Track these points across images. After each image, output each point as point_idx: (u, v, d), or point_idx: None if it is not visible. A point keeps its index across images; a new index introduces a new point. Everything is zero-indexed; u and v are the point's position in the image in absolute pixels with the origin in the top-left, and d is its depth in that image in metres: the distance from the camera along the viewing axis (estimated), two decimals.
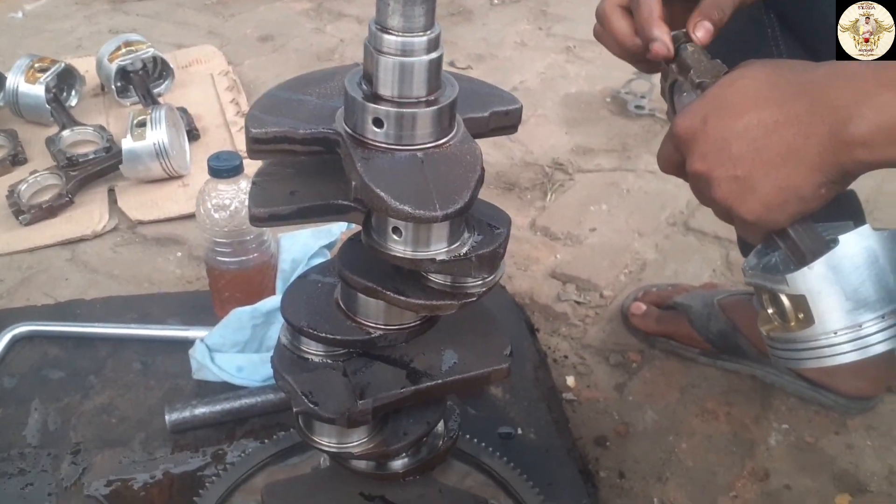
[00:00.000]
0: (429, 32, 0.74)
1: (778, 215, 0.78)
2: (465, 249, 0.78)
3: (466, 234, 0.79)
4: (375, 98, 0.75)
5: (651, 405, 1.39)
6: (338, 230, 1.54)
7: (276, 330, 1.39)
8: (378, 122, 0.75)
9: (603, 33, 1.01)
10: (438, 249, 0.77)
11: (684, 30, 0.90)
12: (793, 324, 0.81)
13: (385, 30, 0.73)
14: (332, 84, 0.85)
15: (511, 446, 1.25)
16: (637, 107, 2.19)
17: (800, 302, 0.79)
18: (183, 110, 2.03)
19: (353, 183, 0.75)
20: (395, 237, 0.77)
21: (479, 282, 0.82)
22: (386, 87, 0.75)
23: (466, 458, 1.17)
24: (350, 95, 0.76)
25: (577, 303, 1.57)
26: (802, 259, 0.78)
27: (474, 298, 0.82)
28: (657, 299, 1.52)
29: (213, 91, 2.23)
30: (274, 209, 0.82)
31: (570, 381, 1.42)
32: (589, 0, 2.88)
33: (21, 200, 1.76)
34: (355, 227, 1.50)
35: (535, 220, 1.80)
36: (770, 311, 0.83)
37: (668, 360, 1.47)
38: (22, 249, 1.68)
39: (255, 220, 0.81)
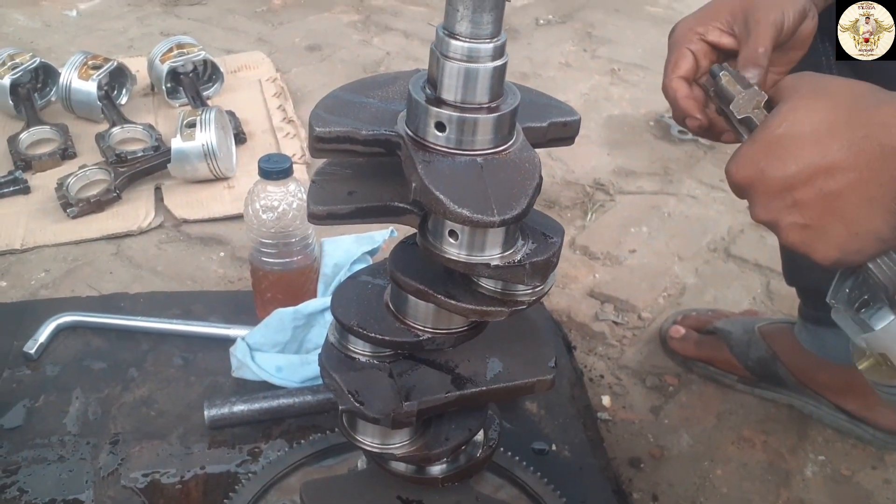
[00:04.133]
0: (495, 40, 0.74)
1: (856, 258, 0.75)
2: (518, 256, 0.78)
3: (521, 242, 0.79)
4: (439, 102, 0.76)
5: (687, 430, 1.38)
6: (380, 237, 1.55)
7: (317, 332, 1.41)
8: (440, 126, 0.76)
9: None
10: (493, 255, 0.78)
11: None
12: (884, 368, 0.79)
13: (453, 35, 0.74)
14: (394, 88, 0.86)
15: (545, 462, 1.25)
16: (680, 131, 2.19)
17: (885, 357, 0.77)
18: (231, 113, 2.06)
19: (413, 185, 0.76)
20: (451, 240, 0.77)
21: (530, 290, 0.82)
22: (450, 92, 0.76)
23: (500, 470, 1.17)
24: (414, 98, 0.77)
25: (615, 323, 1.57)
26: (885, 290, 0.75)
27: (524, 306, 0.82)
28: (696, 324, 1.52)
29: (260, 96, 2.26)
30: (332, 207, 0.83)
31: (606, 400, 1.41)
32: (634, 24, 2.92)
33: (69, 193, 1.79)
34: (398, 235, 1.51)
35: (574, 238, 1.80)
36: (863, 346, 0.80)
37: (705, 385, 1.46)
38: (68, 241, 1.71)
39: (314, 217, 0.82)
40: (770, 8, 0.87)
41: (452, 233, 0.77)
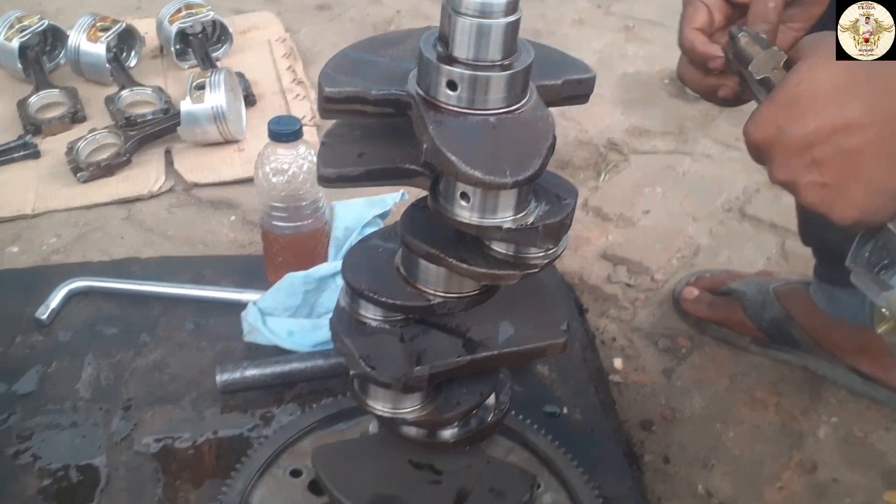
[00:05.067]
0: None
1: (876, 217, 0.74)
2: (531, 219, 0.77)
3: (534, 204, 0.78)
4: (450, 60, 0.74)
5: (699, 391, 1.37)
6: (391, 200, 1.54)
7: (328, 297, 1.40)
8: (452, 85, 0.74)
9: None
10: (505, 217, 0.76)
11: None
12: None
13: None
14: (406, 46, 0.84)
15: (556, 425, 1.24)
16: None
17: None
18: (240, 75, 2.04)
19: (424, 146, 0.74)
20: (462, 203, 0.76)
21: (542, 253, 0.81)
22: (461, 49, 0.74)
23: (511, 434, 1.17)
24: (425, 56, 0.75)
25: (628, 285, 1.56)
26: None
27: (536, 270, 0.81)
28: (710, 285, 1.50)
29: (270, 57, 2.23)
30: (342, 170, 0.82)
31: (618, 363, 1.41)
32: None
33: (79, 157, 1.78)
34: (409, 199, 1.50)
35: (587, 199, 1.78)
36: (884, 310, 0.79)
37: (718, 347, 1.45)
38: (79, 206, 1.71)
39: (324, 180, 0.81)
40: None
41: (464, 195, 0.76)
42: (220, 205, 1.73)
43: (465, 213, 0.76)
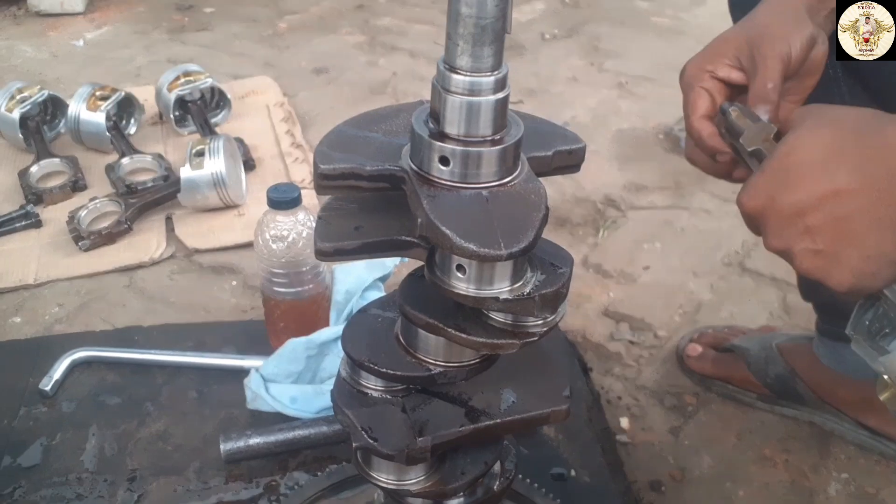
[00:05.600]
0: (496, 72, 0.74)
1: (871, 283, 0.74)
2: (528, 289, 0.77)
3: (529, 273, 0.79)
4: (442, 136, 0.75)
5: (707, 450, 1.36)
6: (391, 264, 1.54)
7: (330, 361, 1.40)
8: (444, 161, 0.75)
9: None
10: (502, 288, 0.77)
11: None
12: None
13: (453, 69, 0.73)
14: (398, 121, 0.86)
15: (564, 488, 1.24)
16: None
17: None
18: (239, 140, 2.07)
19: (419, 220, 0.75)
20: (458, 275, 0.77)
21: (541, 321, 0.81)
22: (452, 126, 0.75)
23: (519, 498, 1.16)
24: (417, 133, 0.76)
25: (631, 342, 1.55)
26: None
27: (535, 338, 0.81)
28: (713, 341, 1.50)
29: (268, 122, 2.26)
30: (339, 244, 0.82)
31: (625, 422, 1.40)
32: (640, 36, 2.91)
33: (81, 226, 1.80)
34: (409, 261, 1.51)
35: (587, 256, 1.78)
36: (885, 376, 0.79)
37: (724, 403, 1.44)
38: (81, 275, 1.72)
39: (321, 254, 0.82)
40: (775, 41, 0.87)
41: (460, 267, 0.76)
42: (221, 270, 1.74)
43: (462, 285, 0.77)
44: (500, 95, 0.74)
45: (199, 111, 2.17)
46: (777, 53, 0.86)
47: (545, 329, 0.82)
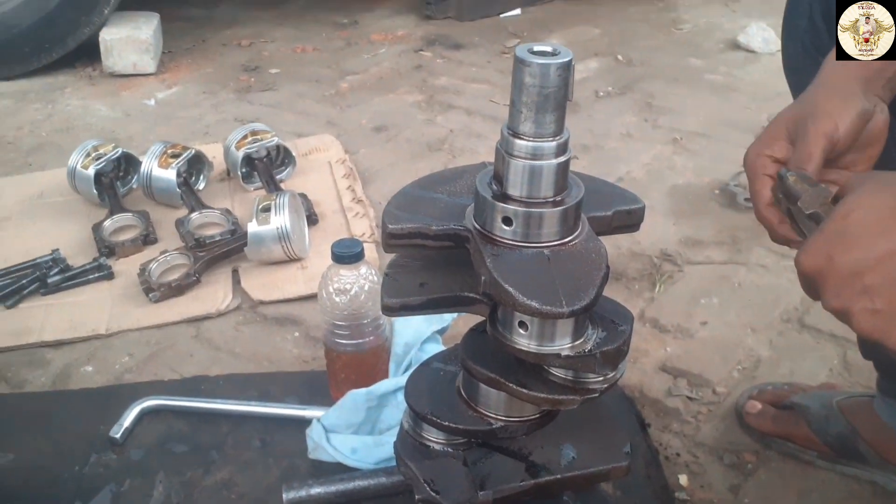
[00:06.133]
0: (558, 138, 0.78)
1: None
2: (589, 346, 0.80)
3: (591, 331, 0.81)
4: (505, 198, 0.79)
5: None
6: (449, 317, 1.57)
7: (389, 413, 1.43)
8: (507, 221, 0.79)
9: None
10: (563, 345, 0.79)
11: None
12: None
13: (517, 135, 0.77)
14: (461, 182, 0.90)
15: None
16: (747, 199, 2.17)
17: None
18: (303, 196, 2.13)
19: (483, 278, 0.78)
20: (521, 331, 0.79)
21: (601, 378, 0.83)
22: (515, 188, 0.79)
23: None
24: (480, 195, 0.80)
25: (689, 398, 1.55)
26: None
27: (596, 395, 0.83)
28: (773, 398, 1.49)
29: (330, 178, 2.33)
30: (405, 300, 0.86)
31: (683, 479, 1.39)
32: (694, 93, 2.92)
33: (151, 278, 1.87)
34: (466, 315, 1.53)
35: (643, 311, 1.79)
36: None
37: (784, 462, 1.43)
38: (151, 325, 1.78)
39: (388, 310, 0.86)
40: (820, 118, 0.89)
41: (522, 323, 0.79)
42: (284, 321, 1.79)
43: (524, 341, 0.80)
44: (562, 159, 0.78)
45: (266, 168, 2.25)
46: (820, 130, 0.89)
47: (605, 386, 0.84)
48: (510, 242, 0.79)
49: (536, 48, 0.75)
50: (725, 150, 2.47)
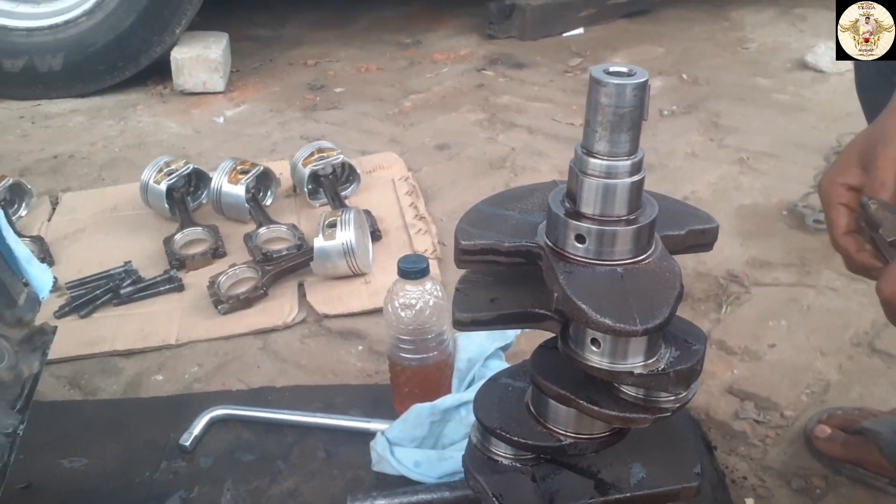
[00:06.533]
0: (633, 157, 0.78)
1: None
2: (662, 364, 0.80)
3: (664, 350, 0.81)
4: (578, 216, 0.80)
5: None
6: (512, 333, 1.58)
7: (452, 428, 1.44)
8: (580, 238, 0.79)
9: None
10: (636, 363, 0.80)
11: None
12: None
13: (591, 154, 0.78)
14: (532, 200, 0.91)
15: None
16: (816, 221, 2.13)
17: None
18: (367, 212, 2.16)
19: (555, 294, 0.79)
20: (593, 348, 0.80)
21: (673, 397, 0.83)
22: (588, 206, 0.79)
23: None
24: (553, 212, 0.81)
25: (757, 421, 1.52)
26: None
27: (668, 414, 0.83)
28: (843, 423, 1.46)
29: (393, 195, 2.36)
30: (476, 315, 0.87)
31: (750, 503, 1.37)
32: (761, 112, 2.89)
33: (220, 291, 1.91)
34: (529, 331, 1.54)
35: (710, 332, 1.77)
36: None
37: (854, 487, 1.39)
38: (219, 337, 1.82)
39: (459, 324, 0.87)
40: (891, 143, 0.89)
41: (595, 341, 0.79)
42: (348, 335, 1.81)
43: (596, 359, 0.80)
44: (636, 178, 0.78)
45: (331, 185, 2.29)
46: (890, 155, 0.88)
47: (677, 405, 0.83)
48: (583, 260, 0.79)
49: (612, 69, 0.76)
50: (793, 170, 2.43)
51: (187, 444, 1.49)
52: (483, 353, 1.56)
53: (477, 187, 2.39)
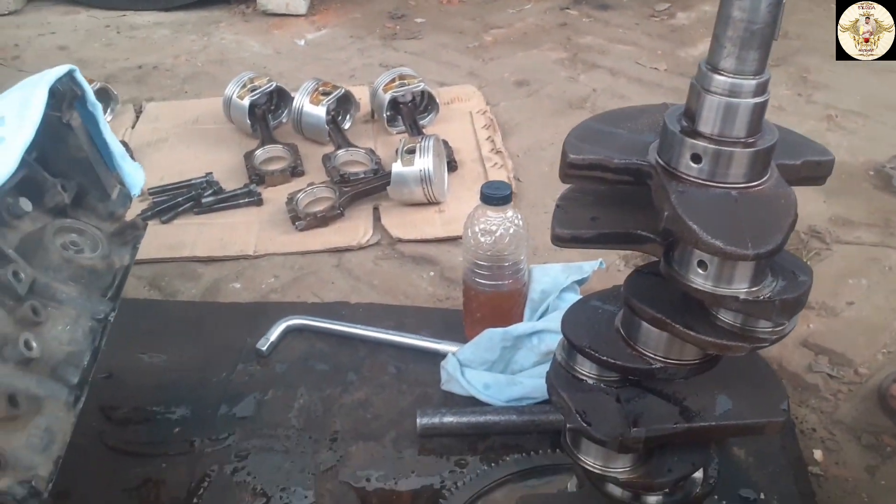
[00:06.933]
0: (759, 77, 0.76)
1: None
2: (767, 292, 0.79)
3: (770, 279, 0.80)
4: (695, 134, 0.78)
5: None
6: (589, 268, 1.57)
7: (522, 355, 1.45)
8: (696, 158, 0.78)
9: None
10: (741, 289, 0.78)
11: None
12: None
13: (716, 70, 0.76)
14: (642, 120, 0.89)
15: None
16: None
17: None
18: (445, 143, 2.16)
19: (665, 213, 0.78)
20: (699, 270, 0.79)
21: (771, 328, 0.82)
22: (707, 125, 0.78)
23: None
24: (670, 130, 0.79)
25: (830, 376, 1.50)
26: None
27: (766, 344, 0.82)
28: None
29: (470, 127, 2.35)
30: (576, 231, 0.87)
31: (818, 454, 1.36)
32: (852, 71, 2.77)
33: (298, 208, 1.94)
34: (606, 268, 1.53)
35: None
36: None
37: None
38: (296, 251, 1.86)
39: (558, 239, 0.86)
40: None
41: (702, 263, 0.78)
42: (420, 260, 1.83)
43: (701, 281, 0.79)
44: (760, 99, 0.76)
45: (410, 112, 2.29)
46: None
47: (775, 337, 0.82)
48: (697, 180, 0.78)
49: None
50: (883, 131, 2.35)
51: (264, 349, 1.53)
52: (558, 285, 1.56)
53: (555, 125, 2.36)
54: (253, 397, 1.44)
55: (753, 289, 0.79)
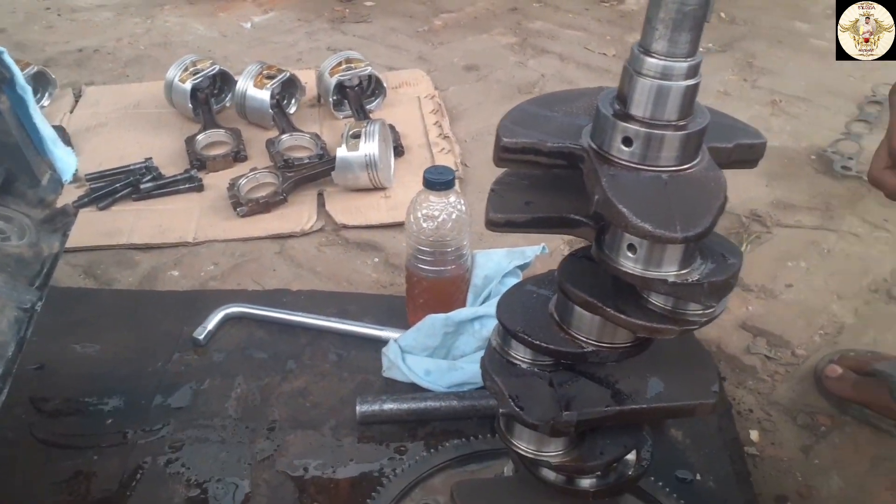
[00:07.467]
0: (691, 59, 0.75)
1: None
2: (696, 275, 0.79)
3: (699, 261, 0.80)
4: (627, 117, 0.78)
5: (838, 472, 1.32)
6: (531, 253, 1.57)
7: (464, 340, 1.44)
8: (627, 141, 0.77)
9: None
10: (669, 271, 0.78)
11: None
12: None
13: (648, 52, 0.75)
14: (578, 104, 0.89)
15: (688, 491, 1.23)
16: (844, 167, 2.11)
17: None
18: (391, 127, 2.14)
19: (595, 197, 0.77)
20: (628, 254, 0.79)
21: (701, 311, 0.82)
22: (639, 108, 0.77)
23: (643, 494, 1.16)
24: (602, 113, 0.79)
25: (767, 357, 1.53)
26: None
27: (695, 326, 0.82)
28: (854, 364, 1.46)
29: (418, 112, 2.33)
30: (510, 216, 0.86)
31: (754, 435, 1.38)
32: (797, 56, 2.82)
33: (240, 194, 1.90)
34: (549, 252, 1.53)
35: None
36: None
37: (859, 428, 1.40)
38: (237, 238, 1.82)
39: (492, 224, 0.85)
40: None
41: (631, 246, 0.78)
42: (365, 246, 1.81)
43: (630, 264, 0.79)
44: (691, 82, 0.76)
45: (356, 97, 2.26)
46: None
47: (704, 319, 0.82)
48: (627, 163, 0.77)
49: None
50: (825, 116, 2.39)
51: (201, 337, 1.50)
52: (500, 270, 1.55)
53: (503, 111, 2.32)
54: (189, 387, 1.41)
55: (682, 272, 0.79)
